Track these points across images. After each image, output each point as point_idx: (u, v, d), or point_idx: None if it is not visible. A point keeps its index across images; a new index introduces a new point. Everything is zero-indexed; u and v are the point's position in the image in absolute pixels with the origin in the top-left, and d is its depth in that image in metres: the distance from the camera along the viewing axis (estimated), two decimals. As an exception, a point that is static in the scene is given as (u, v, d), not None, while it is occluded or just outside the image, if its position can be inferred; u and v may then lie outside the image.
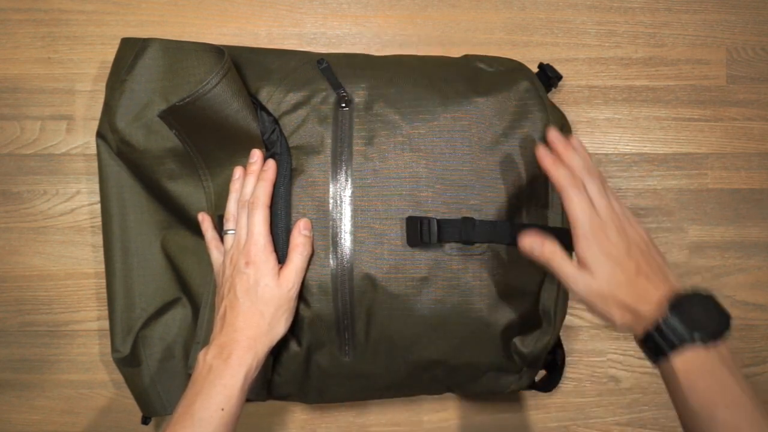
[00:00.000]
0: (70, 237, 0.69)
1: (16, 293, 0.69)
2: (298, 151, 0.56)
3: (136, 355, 0.62)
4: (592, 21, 0.71)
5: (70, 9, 0.69)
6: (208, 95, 0.53)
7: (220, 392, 0.50)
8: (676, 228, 0.71)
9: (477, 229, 0.55)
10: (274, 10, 0.70)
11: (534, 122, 0.58)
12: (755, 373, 0.72)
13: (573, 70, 0.71)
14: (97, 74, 0.69)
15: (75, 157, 0.69)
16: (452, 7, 0.70)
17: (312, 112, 0.57)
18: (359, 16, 0.70)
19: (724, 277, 0.72)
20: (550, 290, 0.59)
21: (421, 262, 0.55)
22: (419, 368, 0.59)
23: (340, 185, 0.56)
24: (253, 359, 0.51)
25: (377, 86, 0.58)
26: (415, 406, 0.71)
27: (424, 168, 0.56)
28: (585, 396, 0.71)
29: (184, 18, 0.69)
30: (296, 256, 0.54)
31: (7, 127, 0.68)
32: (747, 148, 0.72)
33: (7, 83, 0.68)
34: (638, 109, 0.71)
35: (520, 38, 0.71)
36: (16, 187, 0.69)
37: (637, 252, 0.49)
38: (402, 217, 0.55)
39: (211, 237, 0.59)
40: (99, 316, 0.69)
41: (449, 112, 0.57)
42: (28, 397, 0.69)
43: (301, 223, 0.55)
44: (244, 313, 0.53)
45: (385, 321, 0.56)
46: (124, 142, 0.59)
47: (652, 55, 0.71)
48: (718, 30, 0.72)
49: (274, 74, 0.58)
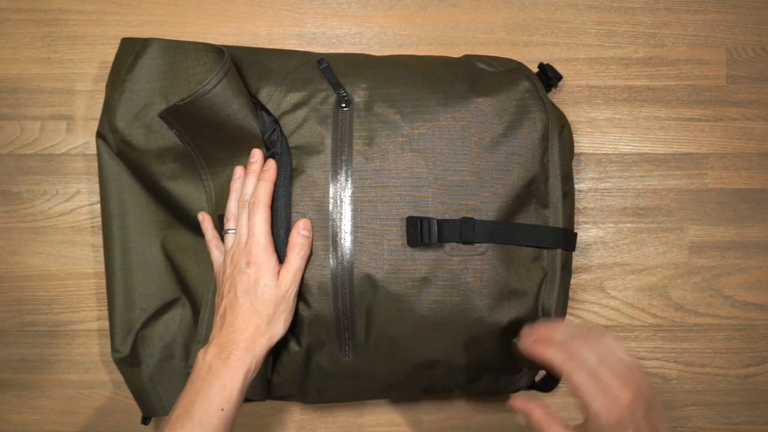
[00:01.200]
0: (70, 237, 0.69)
1: (16, 293, 0.69)
2: (298, 151, 0.56)
3: (135, 355, 0.62)
4: (592, 21, 0.71)
5: (70, 9, 0.69)
6: (208, 95, 0.53)
7: (220, 392, 0.50)
8: (676, 228, 0.71)
9: (477, 229, 0.55)
10: (274, 10, 0.70)
11: (534, 122, 0.58)
12: (755, 373, 0.72)
13: (573, 70, 0.71)
14: (97, 74, 0.69)
15: (75, 157, 0.69)
16: (452, 7, 0.70)
17: (312, 112, 0.57)
18: (359, 16, 0.70)
19: (724, 277, 0.72)
20: (550, 290, 0.59)
21: (421, 262, 0.55)
22: (419, 368, 0.59)
23: (340, 185, 0.56)
24: (252, 359, 0.51)
25: (377, 86, 0.58)
26: (415, 406, 0.71)
27: (424, 168, 0.56)
28: (585, 396, 0.71)
29: (184, 18, 0.69)
30: (293, 257, 0.54)
31: (7, 127, 0.68)
32: (747, 148, 0.72)
33: (7, 83, 0.68)
34: (638, 109, 0.71)
35: (520, 38, 0.71)
36: (16, 187, 0.69)
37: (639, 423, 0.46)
38: (402, 217, 0.55)
39: (211, 236, 0.59)
40: (99, 316, 0.69)
41: (449, 112, 0.57)
42: (28, 397, 0.69)
43: (301, 223, 0.55)
44: (244, 313, 0.53)
45: (385, 321, 0.56)
46: (125, 142, 0.59)
47: (652, 55, 0.71)
48: (718, 30, 0.72)
49: (274, 74, 0.58)
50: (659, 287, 0.71)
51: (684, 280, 0.71)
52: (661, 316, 0.71)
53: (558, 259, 0.59)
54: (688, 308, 0.71)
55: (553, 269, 0.59)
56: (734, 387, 0.72)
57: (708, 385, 0.72)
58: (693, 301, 0.71)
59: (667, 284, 0.71)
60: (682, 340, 0.72)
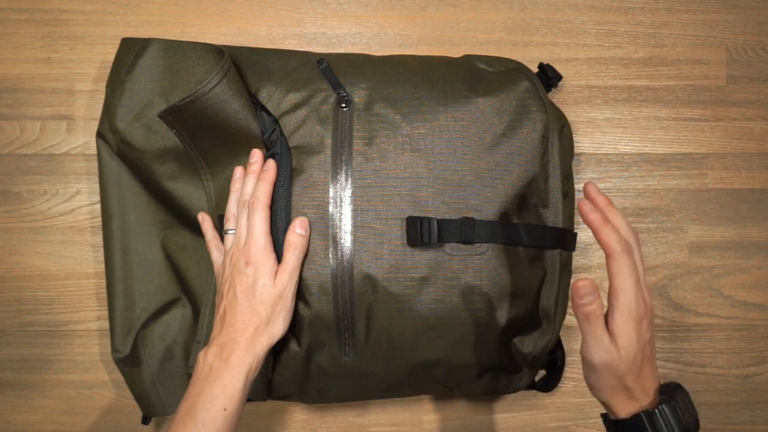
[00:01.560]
0: (70, 237, 0.69)
1: (16, 293, 0.69)
2: (298, 151, 0.56)
3: (136, 355, 0.62)
4: (592, 21, 0.71)
5: (70, 9, 0.69)
6: (208, 95, 0.53)
7: (222, 393, 0.50)
8: (676, 228, 0.71)
9: (477, 229, 0.55)
10: (274, 10, 0.70)
11: (534, 122, 0.58)
12: (755, 373, 0.72)
13: (573, 70, 0.71)
14: (97, 74, 0.69)
15: (75, 157, 0.69)
16: (452, 7, 0.70)
17: (312, 112, 0.57)
18: (359, 16, 0.70)
19: (724, 277, 0.72)
20: (550, 290, 0.59)
21: (421, 262, 0.55)
22: (419, 368, 0.59)
23: (340, 185, 0.56)
24: (253, 359, 0.51)
25: (377, 86, 0.58)
26: (415, 406, 0.71)
27: (424, 168, 0.56)
28: (585, 396, 0.71)
29: (184, 18, 0.69)
30: (289, 256, 0.54)
31: (7, 127, 0.68)
32: (747, 148, 0.72)
33: (7, 83, 0.68)
34: (638, 109, 0.71)
35: (520, 38, 0.71)
36: (16, 187, 0.69)
37: (652, 340, 0.50)
38: (402, 217, 0.55)
39: (211, 237, 0.59)
40: (99, 316, 0.69)
41: (449, 112, 0.57)
42: (28, 397, 0.69)
43: (297, 221, 0.55)
44: (243, 313, 0.53)
45: (385, 321, 0.56)
46: (125, 142, 0.59)
47: (652, 55, 0.71)
48: (718, 30, 0.72)
49: (274, 74, 0.58)
50: (659, 287, 0.71)
51: (684, 280, 0.71)
52: (661, 316, 0.71)
53: (558, 259, 0.59)
54: (688, 308, 0.71)
55: (553, 269, 0.59)
56: (734, 387, 0.72)
57: (708, 385, 0.72)
58: (693, 301, 0.71)
59: (667, 284, 0.71)
60: (682, 340, 0.72)
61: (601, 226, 0.48)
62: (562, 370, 0.64)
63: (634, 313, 0.48)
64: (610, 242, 0.48)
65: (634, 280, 0.48)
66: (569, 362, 0.71)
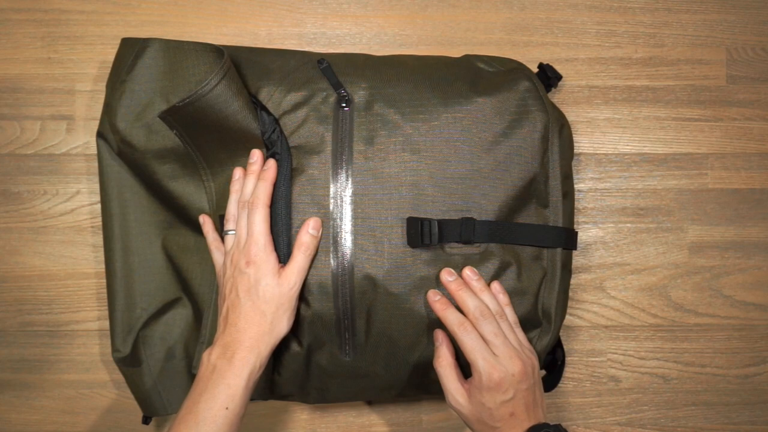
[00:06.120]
0: (70, 237, 0.69)
1: (16, 293, 0.69)
2: (298, 151, 0.56)
3: (136, 355, 0.62)
4: (592, 21, 0.71)
5: (70, 9, 0.69)
6: (208, 95, 0.53)
7: (224, 392, 0.50)
8: (676, 228, 0.71)
9: (477, 229, 0.55)
10: (274, 10, 0.70)
11: (534, 122, 0.58)
12: (755, 373, 0.72)
13: (573, 70, 0.71)
14: (97, 74, 0.69)
15: (75, 157, 0.69)
16: (452, 7, 0.71)
17: (312, 112, 0.57)
18: (359, 16, 0.70)
19: (724, 277, 0.72)
20: (550, 290, 0.59)
21: (422, 262, 0.55)
22: (419, 368, 0.59)
23: (340, 185, 0.56)
24: (257, 359, 0.51)
25: (377, 86, 0.58)
26: (415, 406, 0.71)
27: (425, 168, 0.56)
28: (585, 396, 0.71)
29: (184, 18, 0.69)
30: (300, 255, 0.54)
31: (7, 127, 0.68)
32: (747, 148, 0.72)
33: (7, 83, 0.68)
34: (638, 109, 0.71)
35: (520, 38, 0.71)
36: (16, 187, 0.69)
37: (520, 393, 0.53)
38: (402, 217, 0.55)
39: (212, 238, 0.59)
40: (99, 316, 0.69)
41: (449, 111, 0.57)
42: (28, 397, 0.69)
43: (311, 222, 0.55)
44: (246, 313, 0.53)
45: (386, 321, 0.56)
46: (125, 142, 0.59)
47: (652, 55, 0.71)
48: (718, 30, 0.72)
49: (274, 74, 0.58)
50: (659, 287, 0.71)
51: (684, 280, 0.71)
52: (661, 316, 0.71)
53: (558, 259, 0.59)
54: (688, 308, 0.71)
55: (553, 269, 0.59)
56: (734, 387, 0.72)
57: (708, 385, 0.72)
58: (693, 301, 0.71)
59: (667, 284, 0.71)
60: (682, 340, 0.72)
61: (440, 311, 0.54)
62: (562, 369, 0.64)
63: (484, 382, 0.52)
64: (448, 323, 0.54)
65: (478, 353, 0.52)
66: (569, 362, 0.71)
